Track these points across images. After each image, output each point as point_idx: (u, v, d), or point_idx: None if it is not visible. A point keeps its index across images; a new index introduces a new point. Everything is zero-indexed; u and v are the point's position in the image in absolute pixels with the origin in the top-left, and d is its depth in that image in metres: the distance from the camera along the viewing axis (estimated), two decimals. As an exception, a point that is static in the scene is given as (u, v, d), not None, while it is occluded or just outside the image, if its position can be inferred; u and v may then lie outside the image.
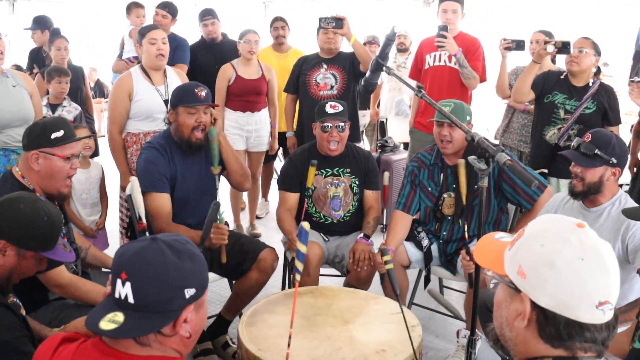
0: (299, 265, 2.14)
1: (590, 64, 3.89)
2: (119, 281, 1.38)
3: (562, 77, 4.00)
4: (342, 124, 3.51)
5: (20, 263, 2.09)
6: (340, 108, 3.52)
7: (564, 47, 3.87)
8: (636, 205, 2.67)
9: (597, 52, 3.90)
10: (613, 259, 1.25)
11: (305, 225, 2.10)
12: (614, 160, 2.72)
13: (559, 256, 1.22)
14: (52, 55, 5.42)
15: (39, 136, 2.60)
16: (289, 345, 2.04)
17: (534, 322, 1.26)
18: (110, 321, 1.36)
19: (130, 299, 1.36)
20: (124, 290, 1.37)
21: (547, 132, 3.99)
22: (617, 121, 3.87)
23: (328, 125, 3.50)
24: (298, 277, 2.14)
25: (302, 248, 2.09)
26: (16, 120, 3.47)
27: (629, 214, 2.23)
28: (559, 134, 3.93)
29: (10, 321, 1.97)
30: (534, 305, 1.25)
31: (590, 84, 3.89)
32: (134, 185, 3.01)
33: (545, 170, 3.94)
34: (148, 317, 1.37)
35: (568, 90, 3.94)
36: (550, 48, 3.90)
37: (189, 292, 1.39)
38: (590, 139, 2.76)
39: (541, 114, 4.07)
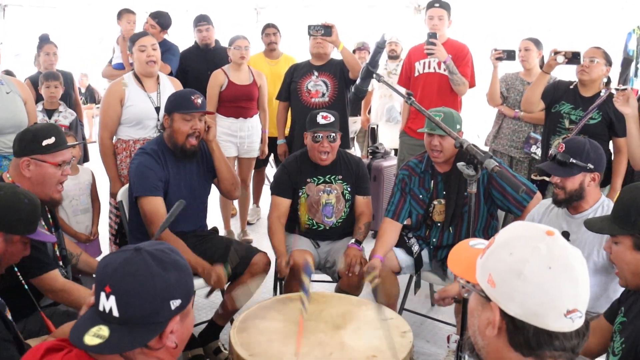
0: (304, 299, 2.20)
1: (601, 74, 3.86)
2: (102, 294, 1.35)
3: (571, 87, 3.98)
4: (333, 134, 3.53)
5: (7, 249, 2.13)
6: (332, 119, 3.54)
7: (574, 58, 3.79)
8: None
9: (609, 62, 3.88)
10: (582, 267, 1.25)
11: (310, 261, 2.17)
12: (591, 166, 2.75)
13: (527, 265, 1.22)
14: (41, 61, 5.43)
15: (30, 143, 2.60)
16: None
17: (504, 331, 1.26)
18: (95, 335, 1.33)
19: (115, 313, 1.34)
20: (108, 303, 1.34)
21: (553, 141, 3.96)
22: (624, 132, 3.64)
23: (319, 136, 3.52)
24: (304, 311, 2.20)
25: (306, 281, 2.14)
26: (9, 127, 3.46)
27: (589, 225, 2.24)
28: None
29: None
30: (503, 314, 1.25)
31: (601, 94, 3.84)
32: None
33: (547, 178, 3.90)
34: (133, 331, 1.34)
35: (575, 100, 3.92)
36: (561, 59, 3.81)
37: (175, 304, 1.37)
38: (564, 148, 2.80)
39: (548, 124, 4.07)
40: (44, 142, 2.59)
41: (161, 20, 5.13)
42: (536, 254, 1.23)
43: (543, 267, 1.22)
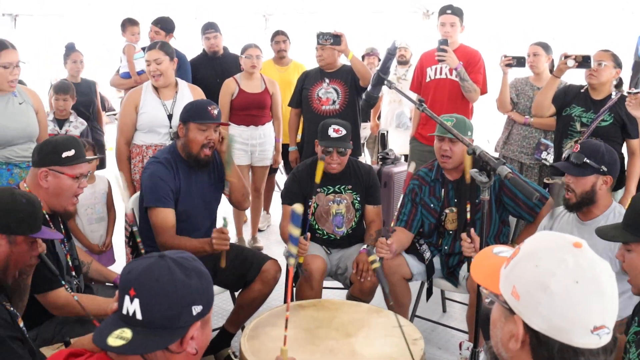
0: (292, 249, 2.14)
1: (610, 77, 3.84)
2: (127, 297, 1.39)
3: (582, 90, 3.97)
4: (343, 149, 3.52)
5: (13, 250, 2.14)
6: (344, 132, 3.51)
7: (584, 61, 3.77)
8: None
9: (618, 64, 3.85)
10: (611, 281, 1.20)
11: (298, 208, 2.08)
12: (604, 169, 2.75)
13: (553, 279, 1.17)
14: (68, 69, 5.58)
15: (49, 154, 2.61)
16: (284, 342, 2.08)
17: (528, 345, 1.22)
18: (118, 337, 1.36)
19: (138, 315, 1.37)
20: (132, 306, 1.38)
21: (565, 145, 3.95)
22: (637, 134, 3.70)
23: (330, 149, 3.51)
24: (292, 260, 2.14)
25: (294, 231, 2.08)
26: (22, 137, 3.49)
27: (601, 233, 2.23)
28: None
29: (4, 319, 1.98)
30: (527, 327, 1.21)
31: (613, 96, 3.83)
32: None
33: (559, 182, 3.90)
34: (156, 334, 1.37)
35: (585, 103, 3.91)
36: (571, 62, 3.79)
37: (196, 309, 1.40)
38: (579, 149, 2.80)
39: (559, 128, 4.06)
40: (64, 154, 2.60)
41: (164, 25, 5.17)
42: (563, 267, 1.18)
43: (570, 281, 1.17)
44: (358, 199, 3.64)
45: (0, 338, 1.91)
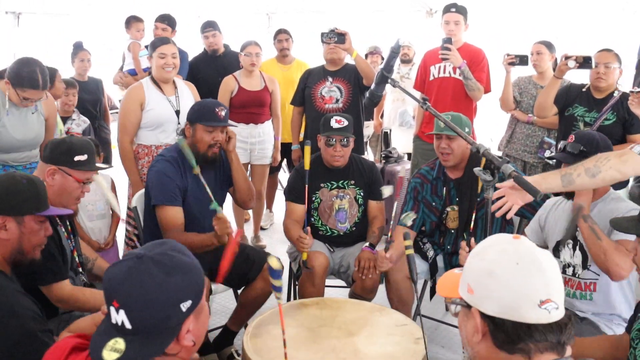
0: (277, 283, 2.09)
1: (616, 77, 3.86)
2: (112, 309, 1.36)
3: (583, 89, 3.97)
4: (346, 139, 3.52)
5: (23, 232, 2.16)
6: (346, 123, 3.52)
7: (585, 62, 3.78)
8: (625, 200, 2.76)
9: (620, 62, 3.87)
10: (550, 261, 1.35)
11: (274, 263, 2.03)
12: None
13: (496, 264, 1.34)
14: (75, 67, 5.57)
15: (62, 154, 2.62)
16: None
17: (488, 334, 1.34)
18: (112, 350, 1.34)
19: (127, 325, 1.34)
20: (119, 317, 1.35)
21: None
22: (639, 129, 3.74)
23: (332, 140, 3.51)
24: (280, 295, 2.09)
25: (277, 283, 2.05)
26: (24, 147, 3.51)
27: (615, 224, 2.23)
28: None
29: (37, 313, 2.02)
30: (484, 317, 1.34)
31: (615, 95, 3.84)
32: None
33: None
34: (149, 340, 1.35)
35: (588, 103, 3.91)
36: (572, 63, 3.80)
37: (185, 305, 1.37)
38: (574, 139, 2.79)
39: (562, 128, 4.05)
40: (76, 158, 2.62)
41: (170, 21, 5.24)
42: (504, 253, 1.36)
43: (511, 263, 1.33)
44: (361, 194, 3.64)
45: (33, 332, 1.95)
